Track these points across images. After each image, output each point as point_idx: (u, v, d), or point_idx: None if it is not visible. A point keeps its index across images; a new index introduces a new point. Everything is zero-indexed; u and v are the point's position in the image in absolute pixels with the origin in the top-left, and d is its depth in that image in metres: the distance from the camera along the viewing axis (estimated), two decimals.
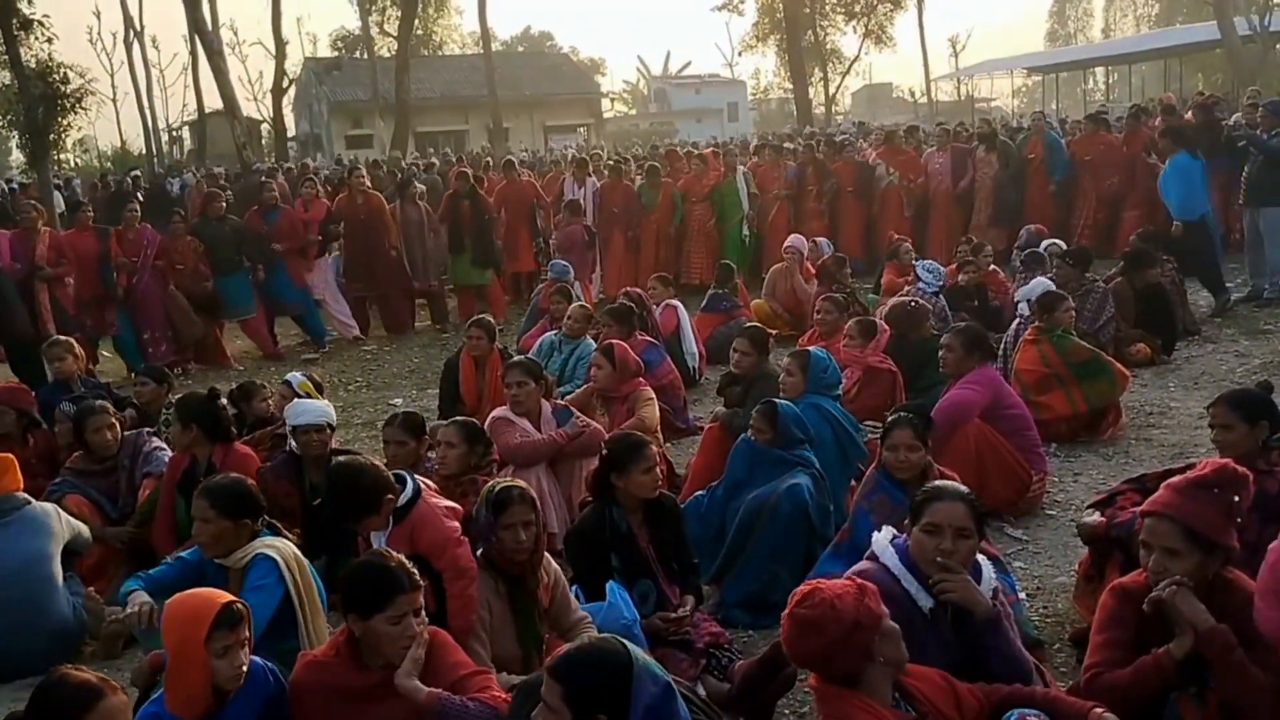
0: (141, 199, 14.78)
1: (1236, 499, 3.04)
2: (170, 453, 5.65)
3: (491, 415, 5.80)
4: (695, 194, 13.77)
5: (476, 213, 12.44)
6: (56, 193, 17.63)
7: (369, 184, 12.83)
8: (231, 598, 3.19)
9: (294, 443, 5.45)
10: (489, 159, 22.32)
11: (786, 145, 16.75)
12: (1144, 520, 3.13)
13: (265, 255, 11.29)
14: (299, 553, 3.98)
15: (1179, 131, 11.06)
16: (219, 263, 11.00)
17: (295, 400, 5.86)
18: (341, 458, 4.53)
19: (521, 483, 4.07)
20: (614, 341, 6.77)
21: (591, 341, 7.77)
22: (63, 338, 7.45)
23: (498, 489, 3.90)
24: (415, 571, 3.22)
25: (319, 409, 5.50)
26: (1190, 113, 14.46)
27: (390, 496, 4.02)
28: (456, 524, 3.98)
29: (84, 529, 4.98)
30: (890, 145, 14.75)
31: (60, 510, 4.92)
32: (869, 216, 14.06)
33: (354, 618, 3.15)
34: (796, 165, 14.34)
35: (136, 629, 3.95)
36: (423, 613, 3.22)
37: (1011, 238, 12.10)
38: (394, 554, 3.31)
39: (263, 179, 14.52)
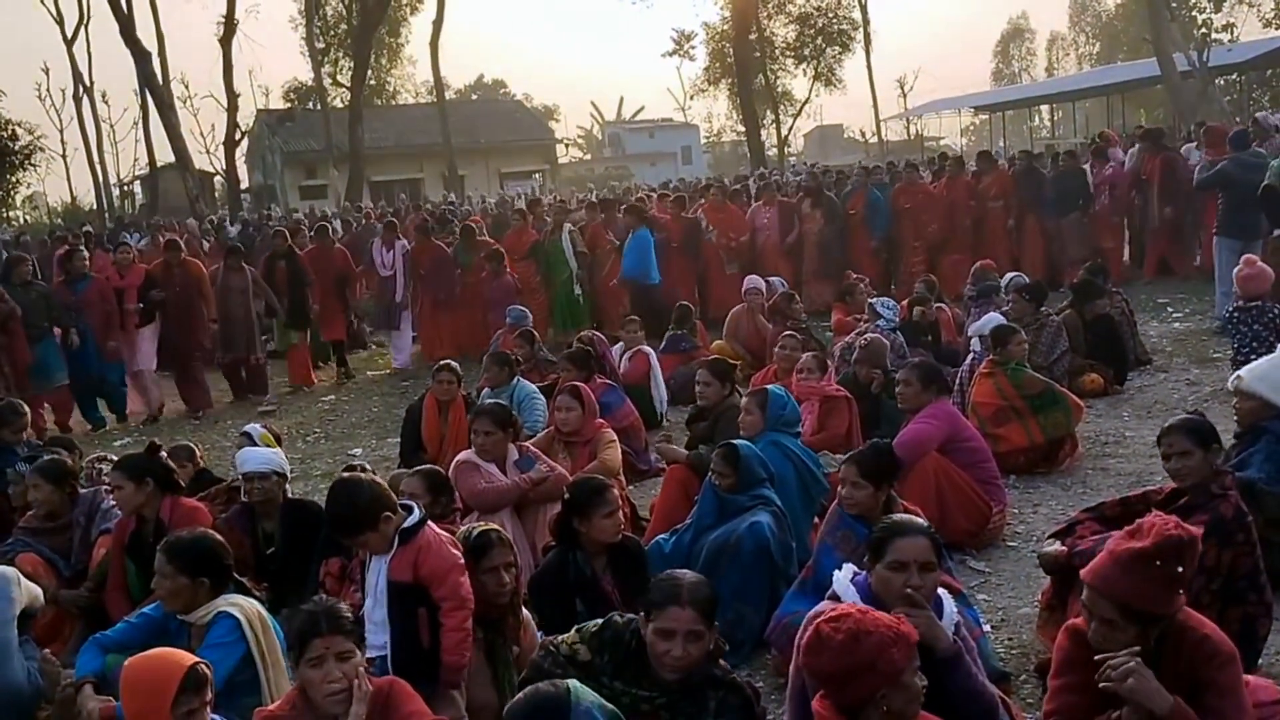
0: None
1: (1180, 569, 2.91)
2: None
3: (457, 459, 5.76)
4: (516, 252, 13.52)
5: (292, 274, 12.00)
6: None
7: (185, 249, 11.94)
8: (196, 659, 3.16)
9: (243, 491, 5.43)
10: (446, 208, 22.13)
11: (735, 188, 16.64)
12: (1085, 588, 3.02)
13: (75, 322, 10.54)
14: (263, 611, 3.93)
15: (639, 210, 13.51)
16: (25, 329, 10.05)
17: (243, 448, 5.81)
18: (344, 474, 4.49)
19: (496, 526, 4.06)
20: (577, 383, 6.75)
21: (526, 382, 7.78)
22: (23, 405, 7.30)
23: (475, 533, 3.87)
24: (345, 616, 3.16)
25: (265, 456, 5.46)
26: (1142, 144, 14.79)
27: (389, 515, 3.87)
28: (459, 553, 3.88)
29: (40, 593, 4.87)
30: (712, 202, 14.57)
31: (20, 575, 4.82)
32: (697, 271, 13.88)
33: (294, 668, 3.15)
34: (623, 222, 14.03)
35: None
36: (358, 663, 3.14)
37: (836, 289, 12.35)
38: (329, 599, 3.27)
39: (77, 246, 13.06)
